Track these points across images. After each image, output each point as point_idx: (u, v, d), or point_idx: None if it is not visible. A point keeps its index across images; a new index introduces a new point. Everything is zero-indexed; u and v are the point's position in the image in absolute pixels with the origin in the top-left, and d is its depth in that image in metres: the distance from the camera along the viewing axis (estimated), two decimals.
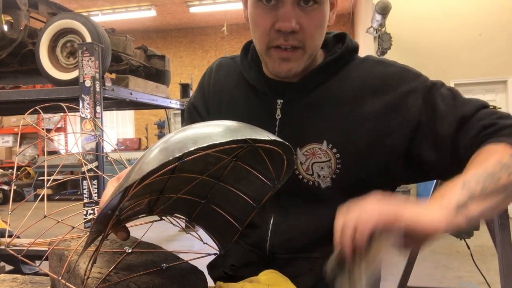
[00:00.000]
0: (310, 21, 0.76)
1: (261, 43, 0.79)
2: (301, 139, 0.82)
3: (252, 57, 0.91)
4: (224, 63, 0.98)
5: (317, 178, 0.81)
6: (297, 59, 0.78)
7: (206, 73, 1.01)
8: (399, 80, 0.80)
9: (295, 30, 0.75)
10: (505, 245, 1.72)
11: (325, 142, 0.80)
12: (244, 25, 10.18)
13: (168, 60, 4.77)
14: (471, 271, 3.20)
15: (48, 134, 0.85)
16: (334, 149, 0.80)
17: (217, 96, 0.94)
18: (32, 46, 3.44)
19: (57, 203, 7.08)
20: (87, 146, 2.93)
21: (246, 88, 0.90)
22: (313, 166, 0.81)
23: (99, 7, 8.93)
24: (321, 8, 0.76)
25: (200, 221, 0.74)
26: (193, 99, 1.00)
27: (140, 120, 10.81)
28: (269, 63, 0.81)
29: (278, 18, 0.75)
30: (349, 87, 0.82)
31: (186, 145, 0.40)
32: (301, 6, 0.75)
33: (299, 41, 0.76)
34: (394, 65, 0.84)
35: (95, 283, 0.56)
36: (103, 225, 0.53)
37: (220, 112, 0.92)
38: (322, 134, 0.81)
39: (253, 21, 0.80)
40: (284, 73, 0.79)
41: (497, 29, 5.57)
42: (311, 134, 0.82)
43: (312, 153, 0.81)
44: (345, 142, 0.80)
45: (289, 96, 0.84)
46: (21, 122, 0.85)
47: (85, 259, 0.61)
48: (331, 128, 0.81)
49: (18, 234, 0.78)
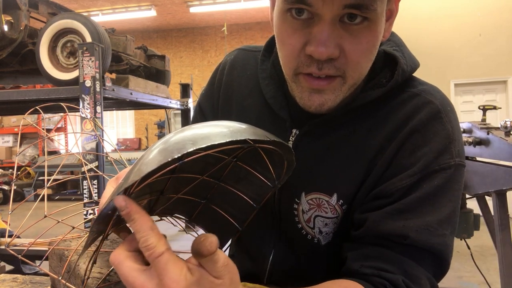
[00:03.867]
0: (356, 44, 0.56)
1: (288, 67, 0.62)
2: (308, 184, 0.68)
3: (275, 64, 0.73)
4: (240, 59, 0.81)
5: (317, 234, 0.69)
6: (334, 90, 0.60)
7: (218, 68, 0.84)
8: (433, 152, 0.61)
9: (334, 57, 0.56)
10: (505, 245, 1.72)
11: (335, 196, 0.66)
12: (244, 25, 10.19)
13: (168, 60, 4.77)
14: (471, 271, 3.20)
15: (48, 134, 0.85)
16: (344, 206, 0.67)
17: (227, 102, 0.80)
18: (32, 46, 3.44)
19: (57, 203, 7.08)
20: (87, 146, 2.93)
21: (261, 101, 0.75)
22: (316, 219, 0.69)
23: (99, 7, 8.93)
24: (373, 26, 0.56)
25: (200, 221, 0.74)
26: (200, 98, 0.87)
27: (140, 120, 10.81)
28: (296, 91, 0.63)
29: (311, 39, 0.56)
30: (382, 133, 0.65)
31: (185, 146, 0.40)
32: (345, 23, 0.55)
33: (337, 69, 0.57)
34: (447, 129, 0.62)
35: (95, 283, 0.56)
36: (103, 225, 0.53)
37: None
38: (334, 186, 0.67)
39: (278, 36, 0.61)
40: (315, 107, 0.61)
41: (497, 29, 5.57)
42: (321, 182, 0.67)
43: (318, 205, 0.68)
44: (354, 194, 0.66)
45: (308, 128, 0.69)
46: (21, 122, 0.85)
47: (85, 259, 0.61)
48: (346, 179, 0.66)
49: (18, 234, 0.78)
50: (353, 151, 0.65)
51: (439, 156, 0.61)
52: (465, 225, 2.00)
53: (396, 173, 0.62)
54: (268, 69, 0.74)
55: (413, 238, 0.59)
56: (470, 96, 5.81)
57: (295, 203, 0.71)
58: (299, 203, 0.70)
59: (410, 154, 0.62)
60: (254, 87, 0.76)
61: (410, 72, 0.66)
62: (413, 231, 0.59)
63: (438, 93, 0.66)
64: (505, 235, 1.72)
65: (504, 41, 5.57)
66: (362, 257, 0.61)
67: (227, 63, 0.82)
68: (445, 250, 0.61)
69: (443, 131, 0.62)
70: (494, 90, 5.80)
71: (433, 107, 0.63)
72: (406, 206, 0.60)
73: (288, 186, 0.70)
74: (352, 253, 0.63)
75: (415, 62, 0.68)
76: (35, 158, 8.43)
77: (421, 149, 0.62)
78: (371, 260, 0.60)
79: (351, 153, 0.66)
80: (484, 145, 1.83)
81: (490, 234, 1.91)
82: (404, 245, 0.59)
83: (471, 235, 2.05)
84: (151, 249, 0.39)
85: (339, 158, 0.66)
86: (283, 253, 0.74)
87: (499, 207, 1.74)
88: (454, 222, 0.62)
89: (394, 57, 0.66)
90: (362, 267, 0.60)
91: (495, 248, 1.79)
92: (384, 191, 0.62)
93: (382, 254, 0.60)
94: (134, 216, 0.40)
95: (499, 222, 1.73)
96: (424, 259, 0.60)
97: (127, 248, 0.43)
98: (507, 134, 1.71)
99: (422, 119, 0.62)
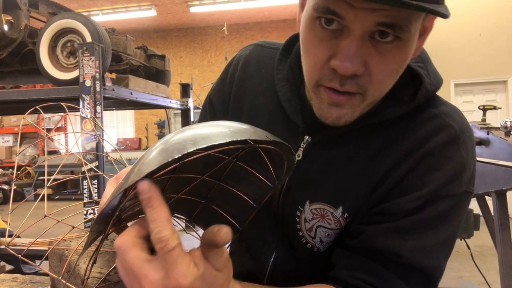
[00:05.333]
0: (383, 64, 0.53)
1: (310, 76, 0.59)
2: (313, 193, 0.67)
3: (292, 66, 0.71)
4: (255, 55, 0.78)
5: (318, 244, 0.69)
6: (352, 105, 0.58)
7: (232, 62, 0.81)
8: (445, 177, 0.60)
9: (358, 74, 0.53)
10: (505, 245, 1.72)
11: (341, 209, 0.65)
12: (244, 25, 10.19)
13: (168, 60, 4.77)
14: (471, 271, 3.20)
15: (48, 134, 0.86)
16: (348, 218, 0.65)
17: (239, 98, 0.77)
18: (32, 46, 3.44)
19: (57, 202, 7.08)
20: (87, 146, 2.93)
21: (274, 102, 0.72)
22: (318, 229, 0.67)
23: (99, 7, 8.93)
24: (404, 46, 0.53)
25: (200, 221, 0.74)
26: (211, 91, 0.84)
27: (140, 120, 10.81)
28: (315, 101, 0.61)
29: (337, 52, 0.53)
30: (397, 151, 0.63)
31: (185, 146, 0.40)
32: (375, 40, 0.52)
33: (360, 86, 0.55)
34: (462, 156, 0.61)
35: (95, 283, 0.57)
36: (103, 225, 0.53)
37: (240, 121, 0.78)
38: (341, 198, 0.65)
39: (304, 44, 0.58)
40: (332, 120, 0.60)
41: (497, 29, 5.57)
42: (328, 193, 0.66)
43: (321, 215, 0.66)
44: (359, 207, 0.65)
45: (322, 138, 0.67)
46: (21, 121, 0.85)
47: (85, 259, 0.61)
48: (354, 193, 0.64)
49: (18, 234, 0.78)
50: (365, 166, 0.63)
51: (449, 183, 0.60)
52: (465, 225, 2.01)
53: (403, 193, 0.61)
54: (285, 70, 0.72)
55: (407, 258, 0.59)
56: (470, 96, 5.81)
57: (298, 210, 0.70)
58: (302, 211, 0.68)
59: (421, 176, 0.61)
60: (268, 86, 0.74)
61: (434, 91, 0.64)
62: (408, 251, 0.59)
63: (458, 116, 0.64)
64: (505, 235, 1.72)
65: (504, 41, 5.57)
66: (352, 267, 0.62)
67: (241, 58, 0.79)
68: (437, 273, 0.61)
69: (457, 158, 0.60)
70: (494, 90, 5.80)
71: (452, 131, 0.61)
72: (406, 226, 0.60)
73: (293, 192, 0.69)
74: (344, 261, 0.63)
75: (438, 80, 0.66)
76: (35, 158, 8.44)
77: (433, 173, 0.60)
78: (361, 272, 0.61)
79: (362, 168, 0.64)
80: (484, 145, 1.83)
81: (490, 234, 1.91)
82: (397, 263, 0.59)
83: (471, 235, 2.05)
84: (164, 241, 0.38)
85: (350, 171, 0.64)
86: (284, 255, 0.74)
87: (499, 207, 1.74)
88: (451, 246, 0.62)
89: (418, 75, 0.64)
90: (350, 277, 0.61)
91: (495, 248, 1.79)
92: (388, 209, 0.62)
93: (373, 269, 0.60)
94: (154, 202, 0.39)
95: (499, 222, 1.73)
96: (414, 278, 0.60)
97: (135, 234, 0.42)
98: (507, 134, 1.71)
99: (438, 143, 0.61)
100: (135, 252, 0.40)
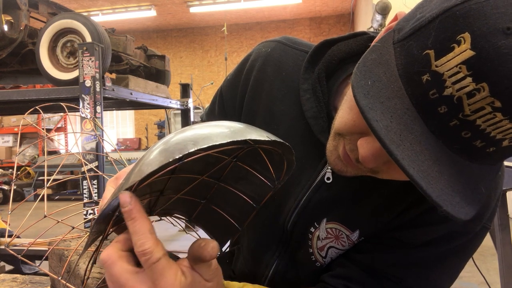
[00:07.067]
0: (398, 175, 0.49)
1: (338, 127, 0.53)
2: (333, 212, 0.64)
3: (320, 78, 0.63)
4: (277, 54, 0.71)
5: (327, 262, 0.67)
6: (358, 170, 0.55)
7: (249, 58, 0.74)
8: None
9: (375, 169, 0.51)
10: (505, 245, 1.72)
11: (357, 233, 0.63)
12: (244, 25, 10.19)
13: (168, 60, 4.77)
14: (471, 271, 3.19)
15: (48, 134, 0.86)
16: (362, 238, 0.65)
17: (254, 101, 0.72)
18: (32, 46, 3.44)
19: (57, 203, 7.09)
20: (87, 146, 2.93)
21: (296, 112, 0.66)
22: (330, 250, 0.66)
23: (99, 7, 8.93)
24: None
25: (200, 221, 0.74)
26: (224, 83, 0.80)
27: (140, 120, 10.81)
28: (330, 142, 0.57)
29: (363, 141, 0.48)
30: None
31: (186, 146, 0.40)
32: None
33: (374, 172, 0.52)
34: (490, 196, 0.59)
35: (95, 283, 0.56)
36: (103, 225, 0.53)
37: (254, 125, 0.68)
38: (359, 223, 0.63)
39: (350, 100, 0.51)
40: (336, 170, 0.57)
41: None
42: (348, 215, 0.63)
43: (336, 236, 0.64)
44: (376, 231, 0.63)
45: None
46: (21, 122, 0.85)
47: (85, 259, 0.61)
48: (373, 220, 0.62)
49: (18, 234, 0.78)
50: (390, 195, 0.61)
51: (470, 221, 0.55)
52: None
53: (421, 225, 0.60)
54: (311, 80, 0.64)
55: (409, 283, 0.59)
56: None
57: (313, 226, 0.67)
58: (317, 228, 0.66)
59: None
60: (289, 92, 0.67)
61: None
62: (412, 278, 0.59)
63: None
64: (505, 235, 1.72)
65: None
66: (350, 279, 0.62)
67: (260, 55, 0.72)
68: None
69: None
70: None
71: None
72: (416, 256, 0.59)
73: (311, 208, 0.67)
74: (343, 270, 0.63)
75: None
76: (35, 158, 8.43)
77: None
78: (356, 284, 0.61)
79: (387, 197, 0.61)
80: None
81: (490, 234, 1.91)
82: (397, 285, 0.59)
83: None
84: (148, 254, 0.38)
85: (374, 199, 0.62)
86: (286, 265, 0.73)
87: (499, 207, 1.74)
88: (456, 276, 0.62)
89: None
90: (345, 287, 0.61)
91: (495, 248, 1.79)
92: (403, 236, 0.61)
93: (371, 286, 0.60)
94: (136, 215, 0.40)
95: (499, 222, 1.73)
96: None
97: (120, 248, 0.42)
98: None
99: None
100: (122, 264, 0.41)
